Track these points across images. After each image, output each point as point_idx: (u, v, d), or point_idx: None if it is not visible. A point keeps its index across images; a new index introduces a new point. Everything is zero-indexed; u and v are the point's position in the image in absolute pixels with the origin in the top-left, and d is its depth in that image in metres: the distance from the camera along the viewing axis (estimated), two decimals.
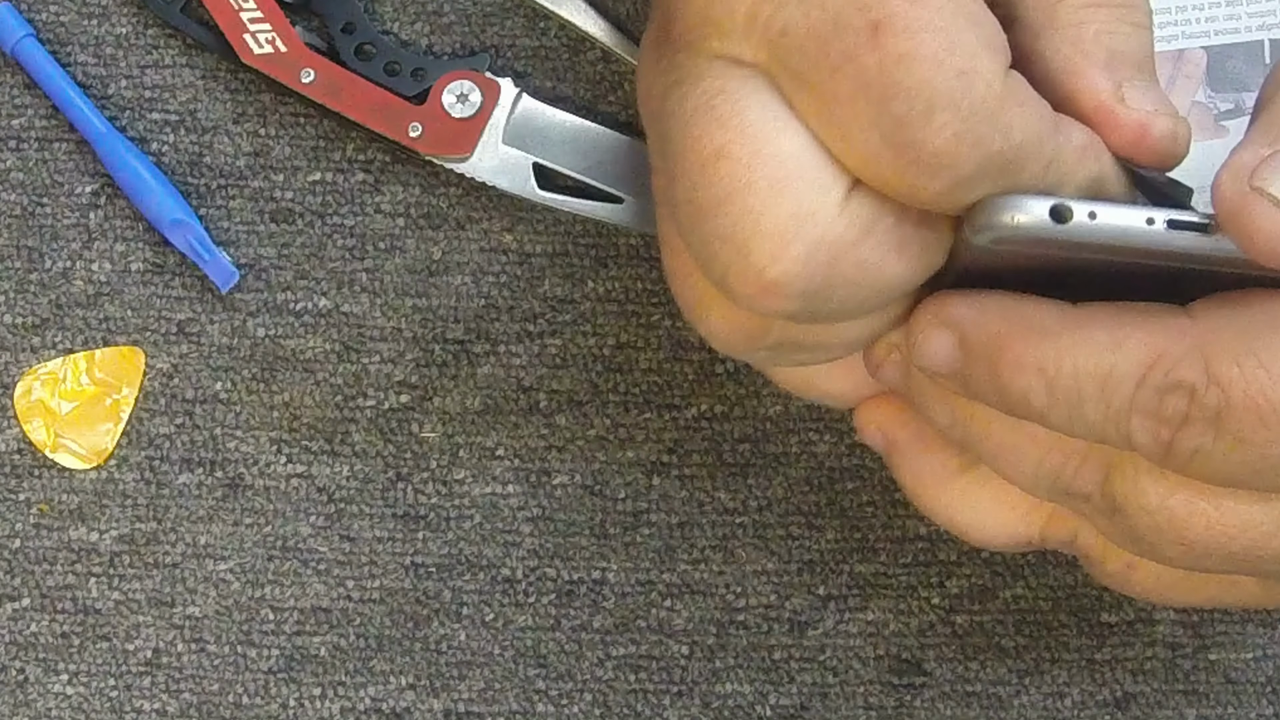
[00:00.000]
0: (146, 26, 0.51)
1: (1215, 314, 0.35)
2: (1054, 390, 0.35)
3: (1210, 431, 0.35)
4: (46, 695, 0.50)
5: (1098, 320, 0.36)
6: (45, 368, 0.51)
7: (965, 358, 0.36)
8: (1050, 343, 0.35)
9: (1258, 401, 0.34)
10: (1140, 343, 0.35)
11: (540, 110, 0.50)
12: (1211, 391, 0.35)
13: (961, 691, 0.50)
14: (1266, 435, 0.35)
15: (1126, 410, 0.35)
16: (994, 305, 0.36)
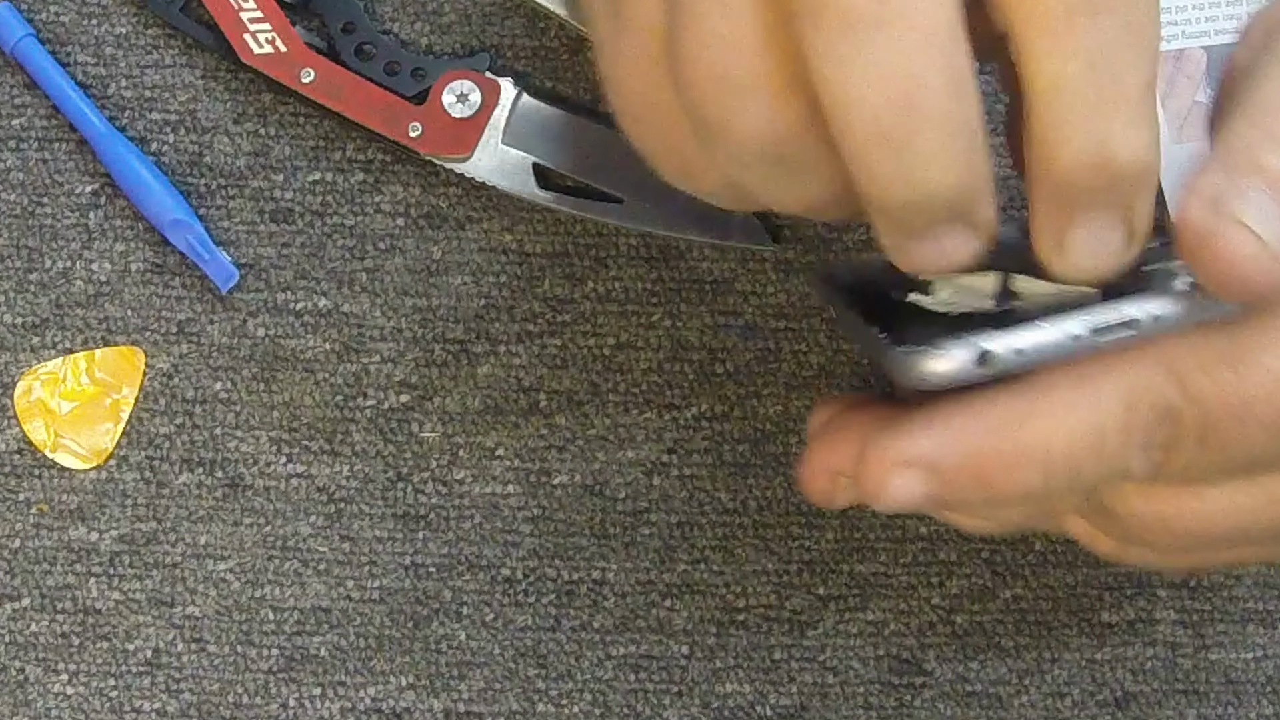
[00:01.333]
0: (146, 26, 0.51)
1: None
2: (1050, 473, 0.35)
3: (1199, 445, 0.35)
4: (46, 695, 0.50)
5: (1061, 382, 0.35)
6: (45, 368, 0.51)
7: (943, 486, 0.35)
8: (1031, 431, 0.34)
9: (1232, 404, 0.35)
10: (1113, 387, 0.34)
11: (540, 110, 0.50)
12: (1190, 410, 0.35)
13: (961, 691, 0.50)
14: (1244, 432, 0.35)
15: (1122, 455, 0.35)
16: (956, 427, 0.35)
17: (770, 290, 0.51)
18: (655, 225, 0.50)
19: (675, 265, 0.51)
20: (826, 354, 0.50)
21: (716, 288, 0.51)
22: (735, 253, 0.50)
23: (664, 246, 0.51)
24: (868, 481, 0.35)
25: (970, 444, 0.34)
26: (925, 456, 0.34)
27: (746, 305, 0.51)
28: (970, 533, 0.40)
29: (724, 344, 0.51)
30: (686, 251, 0.51)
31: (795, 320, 0.51)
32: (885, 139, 0.31)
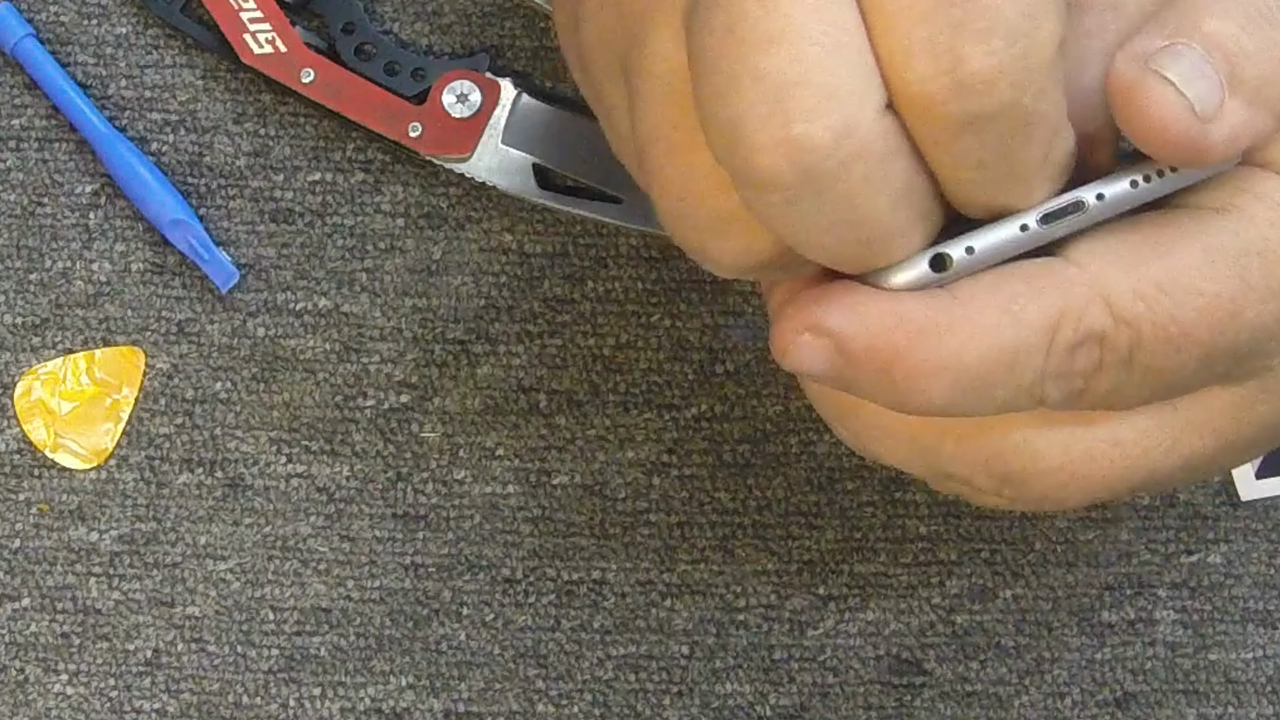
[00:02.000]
0: (146, 26, 0.51)
1: (1100, 255, 0.34)
2: (959, 386, 0.34)
3: (1124, 370, 0.34)
4: (46, 695, 0.50)
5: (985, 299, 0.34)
6: (45, 368, 0.51)
7: (848, 366, 0.34)
8: (945, 340, 0.33)
9: (1169, 329, 0.34)
10: (1039, 308, 0.34)
11: (540, 110, 0.50)
12: (1121, 332, 0.34)
13: (961, 691, 0.50)
14: (1180, 359, 0.34)
15: (1039, 379, 0.34)
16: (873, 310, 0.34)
17: None
18: (655, 225, 0.50)
19: (675, 265, 0.51)
20: None
21: (716, 288, 0.51)
22: None
23: (664, 246, 0.51)
24: (777, 336, 0.34)
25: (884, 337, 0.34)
26: (836, 333, 0.34)
27: (746, 305, 0.51)
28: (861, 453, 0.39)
29: (724, 344, 0.51)
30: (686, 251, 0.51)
31: None
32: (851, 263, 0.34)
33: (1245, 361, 0.35)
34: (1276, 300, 0.34)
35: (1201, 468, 0.37)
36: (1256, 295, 0.34)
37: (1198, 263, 0.34)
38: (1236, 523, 0.50)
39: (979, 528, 0.50)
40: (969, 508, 0.50)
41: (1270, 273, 0.34)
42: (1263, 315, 0.34)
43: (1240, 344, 0.34)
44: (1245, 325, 0.34)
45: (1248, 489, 0.50)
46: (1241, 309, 0.34)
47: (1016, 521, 0.50)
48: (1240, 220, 0.35)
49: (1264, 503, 0.50)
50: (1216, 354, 0.34)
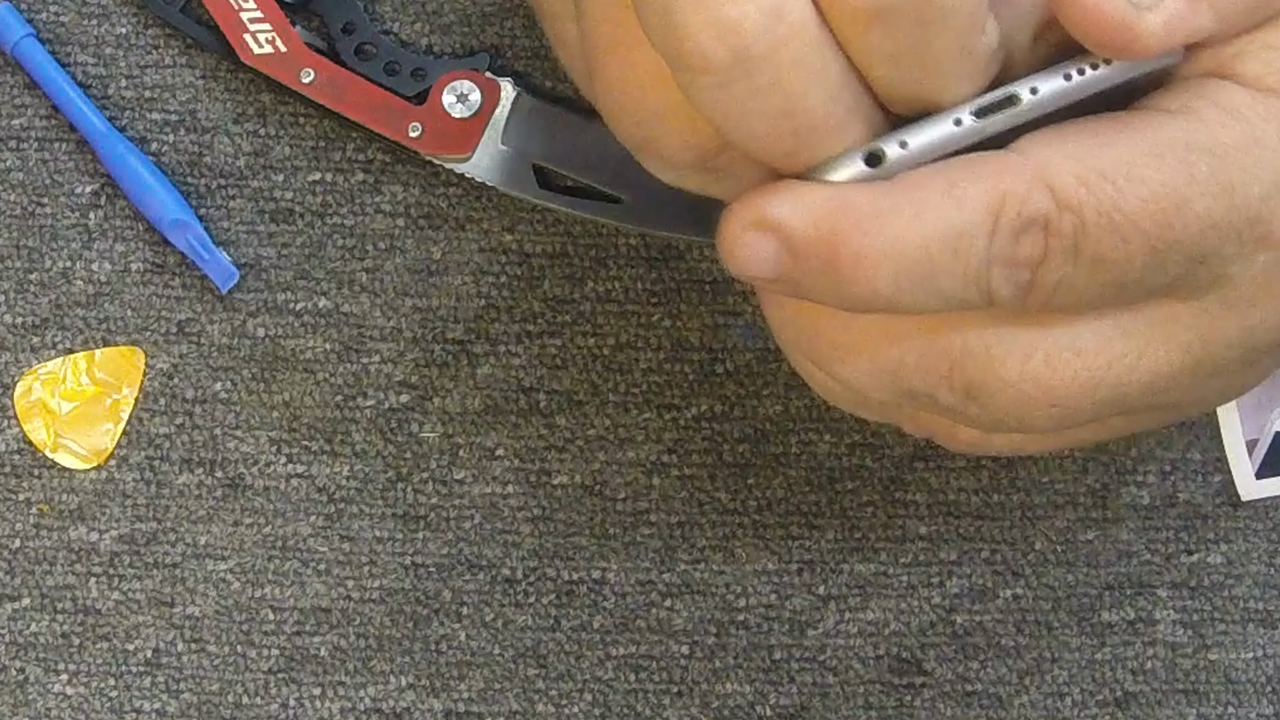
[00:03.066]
0: (146, 26, 0.51)
1: (1044, 144, 0.34)
2: (904, 272, 0.33)
3: (1071, 260, 0.34)
4: (46, 695, 0.50)
5: (928, 184, 0.33)
6: (45, 368, 0.51)
7: (794, 261, 0.34)
8: (889, 222, 0.33)
9: (1113, 218, 0.34)
10: (980, 190, 0.33)
11: (540, 110, 0.50)
12: (1065, 217, 0.33)
13: (961, 691, 0.50)
14: (1127, 250, 0.34)
15: (985, 265, 0.34)
16: (817, 198, 0.33)
17: None
18: (655, 225, 0.50)
19: (675, 265, 0.51)
20: None
21: (716, 288, 0.51)
22: None
23: (664, 246, 0.51)
24: (723, 237, 0.34)
25: (827, 223, 0.33)
26: (782, 223, 0.33)
27: (746, 305, 0.51)
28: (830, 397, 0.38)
29: (724, 344, 0.51)
30: (686, 251, 0.51)
31: None
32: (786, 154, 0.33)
33: (1198, 263, 0.35)
34: (1226, 198, 0.34)
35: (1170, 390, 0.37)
36: (1204, 190, 0.34)
37: (1143, 154, 0.34)
38: (1236, 523, 0.50)
39: (979, 528, 0.50)
40: (969, 507, 0.50)
41: (1219, 171, 0.34)
42: (1212, 211, 0.34)
43: (1189, 239, 0.34)
44: (1193, 219, 0.34)
45: (1248, 489, 0.50)
46: (1188, 201, 0.34)
47: (1016, 521, 0.50)
48: (1191, 120, 0.34)
49: (1264, 503, 0.50)
50: (1164, 247, 0.34)
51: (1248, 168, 0.34)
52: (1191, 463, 0.51)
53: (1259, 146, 0.34)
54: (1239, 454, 0.50)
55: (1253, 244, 0.35)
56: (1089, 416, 0.37)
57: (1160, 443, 0.51)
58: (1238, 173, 0.34)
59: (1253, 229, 0.35)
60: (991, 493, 0.50)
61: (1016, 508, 0.50)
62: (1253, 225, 0.35)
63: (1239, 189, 0.34)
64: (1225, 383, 0.38)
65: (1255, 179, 0.34)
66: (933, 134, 0.34)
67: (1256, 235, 0.35)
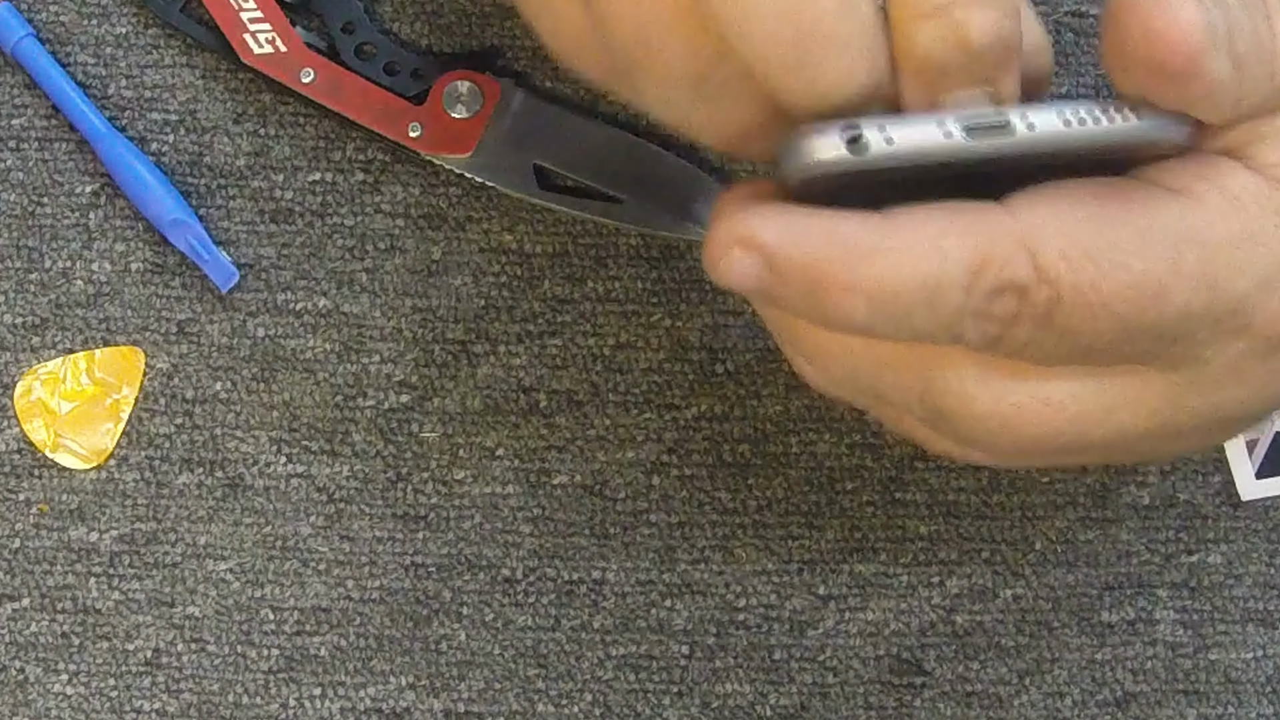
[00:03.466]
0: (146, 26, 0.51)
1: (1035, 207, 0.35)
2: (879, 308, 0.34)
3: (1042, 326, 0.35)
4: (46, 695, 0.50)
5: (916, 228, 0.34)
6: (45, 368, 0.51)
7: (775, 281, 0.34)
8: (871, 263, 0.34)
9: (1088, 296, 0.34)
10: (964, 246, 0.34)
11: (540, 110, 0.50)
12: (1041, 289, 0.34)
13: (961, 691, 0.50)
14: (1096, 327, 0.34)
15: (957, 316, 0.34)
16: (803, 228, 0.34)
17: None
18: (655, 225, 0.50)
19: (675, 265, 0.51)
20: None
21: (716, 288, 0.51)
22: None
23: (664, 246, 0.51)
24: (710, 247, 0.35)
25: (811, 250, 0.34)
26: (766, 245, 0.34)
27: (746, 305, 0.51)
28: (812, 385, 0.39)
29: (724, 344, 0.51)
30: (686, 251, 0.51)
31: None
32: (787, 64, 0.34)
33: (1170, 346, 0.35)
34: (1208, 291, 0.34)
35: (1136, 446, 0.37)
36: (1187, 283, 0.34)
37: (1132, 238, 0.34)
38: (1236, 523, 0.50)
39: (979, 528, 0.50)
40: (969, 507, 0.50)
41: (1206, 265, 0.34)
42: (1191, 303, 0.34)
43: (1163, 326, 0.35)
44: (1170, 308, 0.34)
45: (1248, 489, 0.50)
46: (1168, 293, 0.34)
47: (1016, 521, 0.50)
48: (1191, 206, 0.35)
49: (1264, 503, 0.50)
50: (1136, 330, 0.35)
51: (1237, 263, 0.35)
52: (1191, 463, 0.51)
53: (1252, 242, 0.35)
54: (1239, 454, 0.50)
55: (1230, 334, 0.35)
56: (1051, 460, 0.38)
57: None
58: (1225, 268, 0.35)
59: (1232, 319, 0.35)
60: (991, 493, 0.50)
61: (1016, 508, 0.50)
62: (1233, 316, 0.35)
63: (1223, 284, 0.35)
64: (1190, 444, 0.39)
65: (1242, 274, 0.35)
66: (919, 136, 0.34)
67: (1235, 326, 0.35)
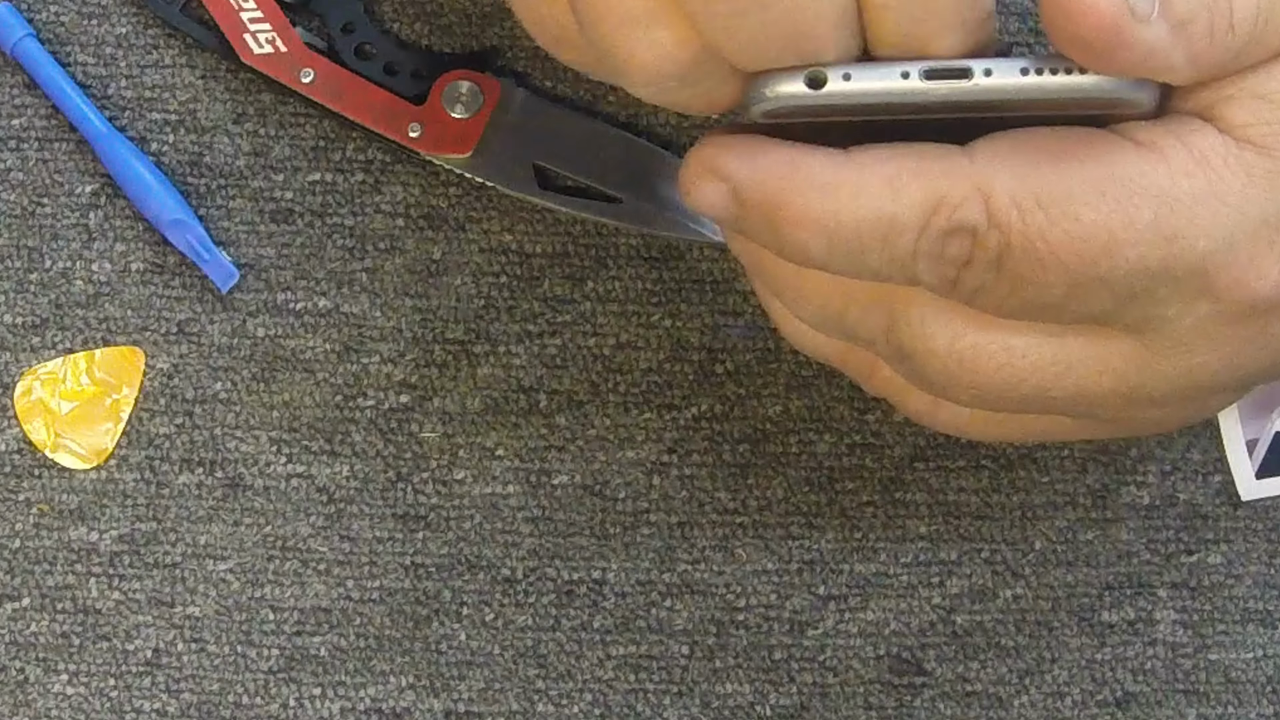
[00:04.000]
0: (146, 26, 0.51)
1: (994, 154, 0.35)
2: (834, 243, 0.35)
3: (991, 272, 0.35)
4: (46, 695, 0.50)
5: (874, 168, 0.35)
6: (45, 368, 0.51)
7: (740, 210, 0.36)
8: (827, 197, 0.35)
9: (1036, 245, 0.34)
10: (919, 188, 0.34)
11: (540, 110, 0.50)
12: (992, 234, 0.34)
13: (961, 691, 0.50)
14: (1046, 278, 0.34)
15: (910, 256, 0.35)
16: (768, 159, 0.35)
17: None
18: (655, 225, 0.50)
19: (675, 265, 0.51)
20: None
21: (716, 288, 0.51)
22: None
23: (664, 246, 0.51)
24: (683, 176, 0.36)
25: (771, 184, 0.35)
26: (731, 176, 0.35)
27: (746, 305, 0.51)
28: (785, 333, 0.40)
29: (724, 344, 0.51)
30: (686, 251, 0.51)
31: None
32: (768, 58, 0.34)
33: (1129, 304, 0.35)
34: (1165, 246, 0.34)
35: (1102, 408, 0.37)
36: (1141, 237, 0.34)
37: (1087, 188, 0.34)
38: (1236, 523, 0.50)
39: (979, 528, 0.50)
40: (969, 507, 0.50)
41: (1164, 219, 0.34)
42: (1146, 259, 0.34)
43: (1116, 279, 0.34)
44: (1122, 261, 0.34)
45: (1248, 489, 0.50)
46: (1119, 246, 0.34)
47: (1016, 521, 0.50)
48: (1154, 160, 0.35)
49: (1264, 503, 0.50)
50: (1086, 284, 0.34)
51: (1198, 221, 0.34)
52: (1191, 463, 0.51)
53: (1217, 201, 0.34)
54: (1239, 454, 0.50)
55: (1193, 294, 0.35)
56: (1013, 407, 0.38)
57: (1160, 443, 0.51)
58: (1185, 224, 0.34)
59: (1194, 279, 0.35)
60: (991, 493, 0.50)
61: (1016, 508, 0.50)
62: (1195, 276, 0.35)
63: (1182, 240, 0.34)
64: (1166, 413, 0.38)
65: (1203, 233, 0.34)
66: (877, 76, 0.34)
67: (1198, 286, 0.35)
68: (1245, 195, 0.34)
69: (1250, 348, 0.36)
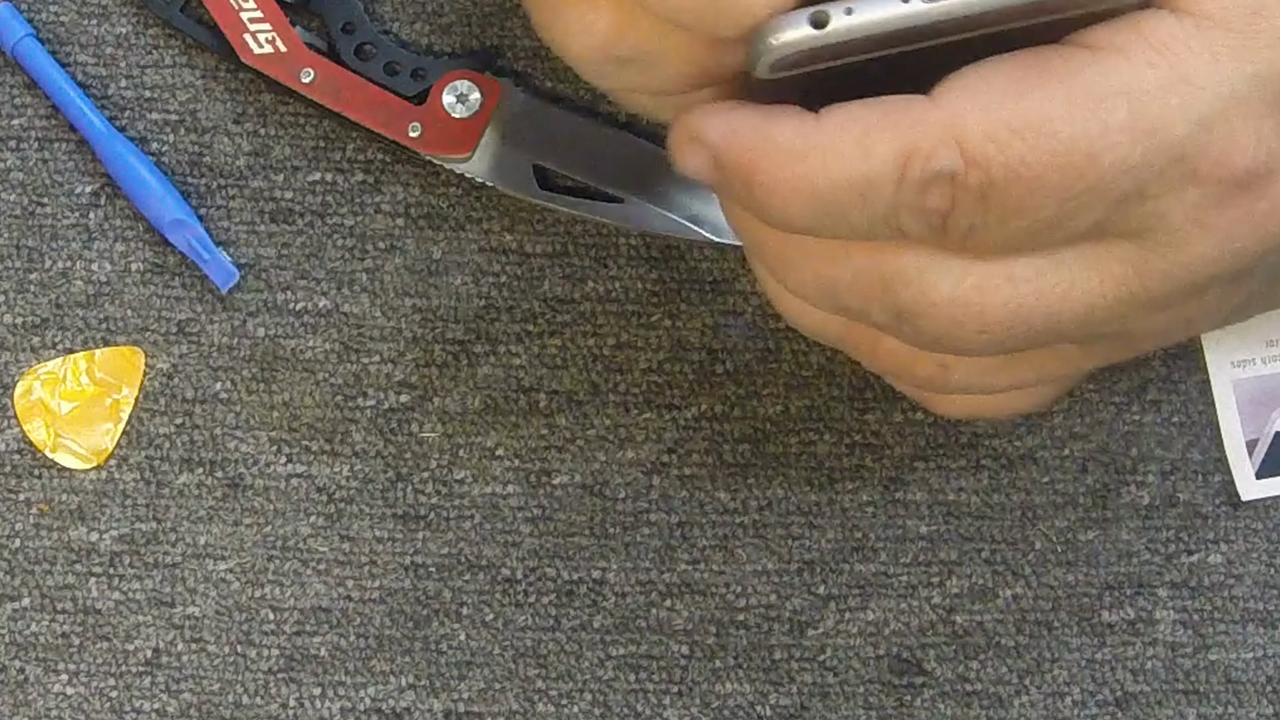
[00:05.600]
0: (146, 26, 0.51)
1: (958, 93, 0.35)
2: (813, 207, 0.35)
3: (979, 210, 0.35)
4: (46, 695, 0.50)
5: (842, 127, 0.35)
6: (45, 368, 0.51)
7: (721, 175, 0.36)
8: (799, 163, 0.35)
9: (1019, 172, 0.34)
10: (889, 143, 0.34)
11: (540, 110, 0.50)
12: (972, 173, 0.34)
13: (961, 691, 0.50)
14: (1036, 201, 0.34)
15: (892, 211, 0.35)
16: (742, 124, 0.35)
17: None
18: (655, 225, 0.50)
19: (675, 265, 0.51)
20: (826, 354, 0.50)
21: (716, 288, 0.51)
22: (735, 253, 0.50)
23: (664, 246, 0.51)
24: (670, 141, 0.36)
25: (745, 150, 0.35)
26: (711, 143, 0.35)
27: (746, 305, 0.51)
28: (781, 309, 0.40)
29: (724, 344, 0.51)
30: (686, 251, 0.51)
31: None
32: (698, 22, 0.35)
33: (1119, 205, 0.35)
34: (1145, 140, 0.34)
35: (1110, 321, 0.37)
36: (1119, 137, 0.34)
37: (1056, 105, 0.34)
38: (1236, 523, 0.50)
39: (979, 528, 0.50)
40: (969, 507, 0.50)
41: (1138, 114, 0.34)
42: (1129, 157, 0.34)
43: (1104, 185, 0.34)
44: (1107, 166, 0.34)
45: (1248, 489, 0.50)
46: (1101, 153, 0.34)
47: (1016, 521, 0.50)
48: (1113, 60, 0.34)
49: (1264, 503, 0.50)
50: (1075, 196, 0.34)
51: (1170, 107, 0.34)
52: (1191, 463, 0.51)
53: (1185, 84, 0.34)
54: (1239, 454, 0.50)
55: (1180, 182, 0.35)
56: (1023, 343, 0.37)
57: (1160, 443, 0.51)
58: (1159, 114, 0.34)
59: (1178, 166, 0.35)
60: (991, 493, 0.50)
61: (1016, 508, 0.50)
62: (1178, 163, 0.35)
63: (1161, 130, 0.34)
64: (1173, 315, 0.38)
65: (1179, 118, 0.34)
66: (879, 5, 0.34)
67: (1182, 172, 0.35)
68: (1212, 74, 0.34)
69: (1241, 229, 0.36)
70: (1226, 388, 0.51)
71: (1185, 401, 0.51)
